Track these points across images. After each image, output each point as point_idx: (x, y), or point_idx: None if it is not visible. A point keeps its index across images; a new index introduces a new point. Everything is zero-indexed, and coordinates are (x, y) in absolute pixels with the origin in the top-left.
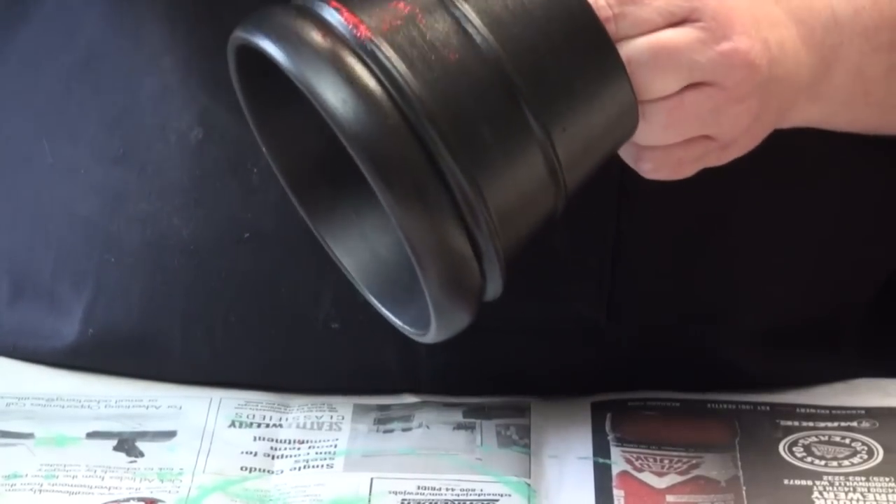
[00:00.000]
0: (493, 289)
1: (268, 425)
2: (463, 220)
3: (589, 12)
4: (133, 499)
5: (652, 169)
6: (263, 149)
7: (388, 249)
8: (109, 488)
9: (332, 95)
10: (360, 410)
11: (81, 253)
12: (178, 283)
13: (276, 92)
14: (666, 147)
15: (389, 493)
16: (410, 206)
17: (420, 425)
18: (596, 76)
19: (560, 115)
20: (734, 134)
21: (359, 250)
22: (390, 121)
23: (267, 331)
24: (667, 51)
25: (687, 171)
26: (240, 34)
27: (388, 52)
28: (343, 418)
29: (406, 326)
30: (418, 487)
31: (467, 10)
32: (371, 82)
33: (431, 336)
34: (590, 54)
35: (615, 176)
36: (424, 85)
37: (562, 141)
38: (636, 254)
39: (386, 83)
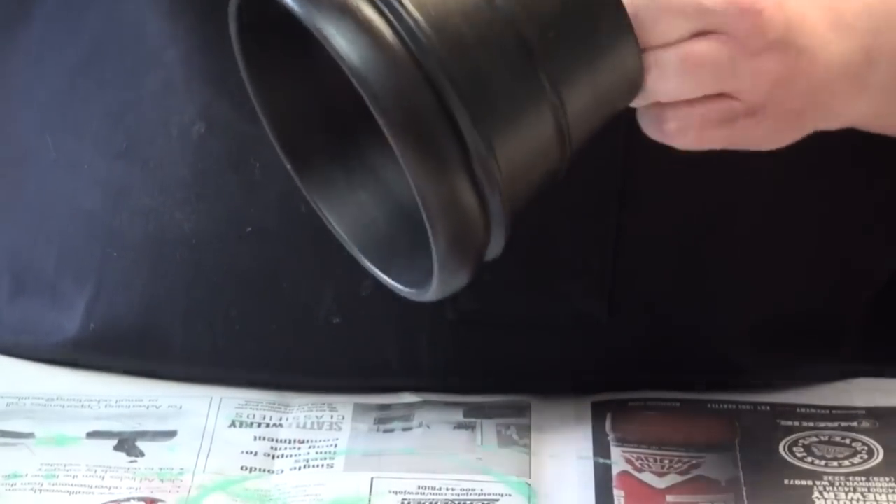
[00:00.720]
0: (495, 248)
1: (268, 425)
2: (473, 174)
3: None
4: (133, 498)
5: (676, 129)
6: (260, 115)
7: (385, 216)
8: (110, 488)
9: (349, 45)
10: (360, 410)
11: (84, 247)
12: (180, 278)
13: (274, 57)
14: (687, 103)
15: (390, 492)
16: (424, 156)
17: (420, 425)
18: (601, 26)
19: (568, 71)
20: (756, 95)
21: (355, 218)
22: (406, 71)
23: (268, 325)
24: None
25: (714, 137)
26: None
27: (404, 3)
28: (343, 418)
29: (403, 288)
30: (419, 487)
31: None
32: (388, 32)
33: (431, 293)
34: (596, 5)
35: (617, 177)
36: (440, 36)
37: (570, 97)
38: (637, 253)
39: (402, 33)
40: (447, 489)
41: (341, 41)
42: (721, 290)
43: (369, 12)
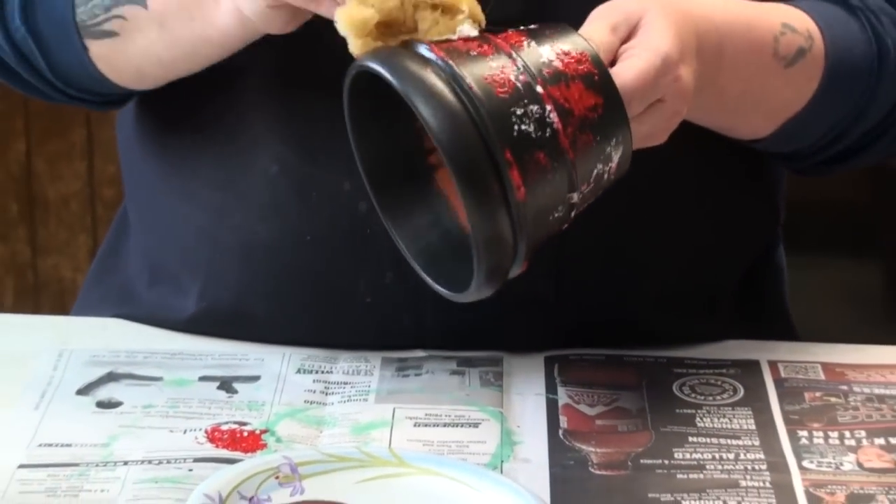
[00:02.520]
0: (515, 272)
1: (322, 372)
2: (511, 218)
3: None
4: (230, 422)
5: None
6: (356, 157)
7: (436, 238)
8: (214, 415)
9: (433, 116)
10: (385, 362)
11: (196, 252)
12: (261, 273)
13: (368, 117)
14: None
15: (406, 418)
16: (479, 198)
17: (427, 371)
18: (615, 137)
19: (588, 170)
20: (676, 105)
21: (414, 237)
22: (472, 139)
23: (321, 304)
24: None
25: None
26: (364, 62)
27: (471, 82)
28: (374, 367)
29: (445, 291)
30: (426, 414)
31: (530, 67)
32: (460, 109)
33: (467, 297)
34: (612, 119)
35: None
36: (493, 114)
37: (585, 184)
38: (574, 257)
39: (470, 109)
40: (445, 416)
41: (428, 112)
42: (632, 278)
43: (447, 93)
